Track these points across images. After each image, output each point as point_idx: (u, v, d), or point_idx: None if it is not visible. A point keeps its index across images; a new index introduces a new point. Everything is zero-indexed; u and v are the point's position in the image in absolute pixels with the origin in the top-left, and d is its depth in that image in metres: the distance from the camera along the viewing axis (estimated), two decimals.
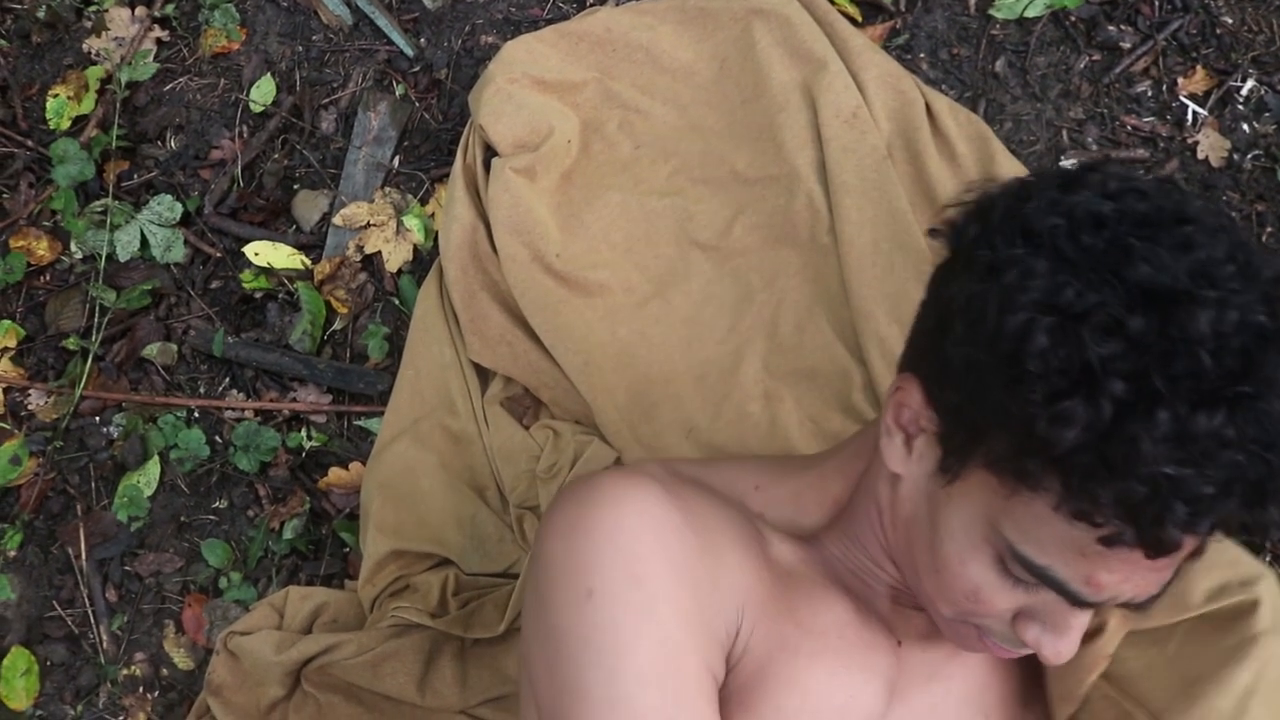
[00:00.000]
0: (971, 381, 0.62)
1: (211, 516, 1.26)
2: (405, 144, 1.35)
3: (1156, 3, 1.30)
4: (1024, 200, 0.63)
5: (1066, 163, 1.25)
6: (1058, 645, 0.65)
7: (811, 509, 0.80)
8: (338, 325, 1.30)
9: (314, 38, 1.39)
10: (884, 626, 0.76)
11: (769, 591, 0.72)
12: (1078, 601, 0.63)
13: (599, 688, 0.63)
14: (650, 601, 0.64)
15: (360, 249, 1.30)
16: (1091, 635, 0.81)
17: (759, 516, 0.79)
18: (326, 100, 1.37)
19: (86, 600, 1.24)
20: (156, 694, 1.22)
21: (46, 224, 1.37)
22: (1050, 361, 0.57)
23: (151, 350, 1.30)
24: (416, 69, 1.37)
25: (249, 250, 1.31)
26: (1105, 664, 0.81)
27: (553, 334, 1.18)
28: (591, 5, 1.37)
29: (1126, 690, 0.82)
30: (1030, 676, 0.81)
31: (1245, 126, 1.26)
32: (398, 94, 1.36)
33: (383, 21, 1.37)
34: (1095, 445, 0.55)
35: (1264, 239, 1.21)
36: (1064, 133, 1.27)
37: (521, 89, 1.24)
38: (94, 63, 1.41)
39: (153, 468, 1.26)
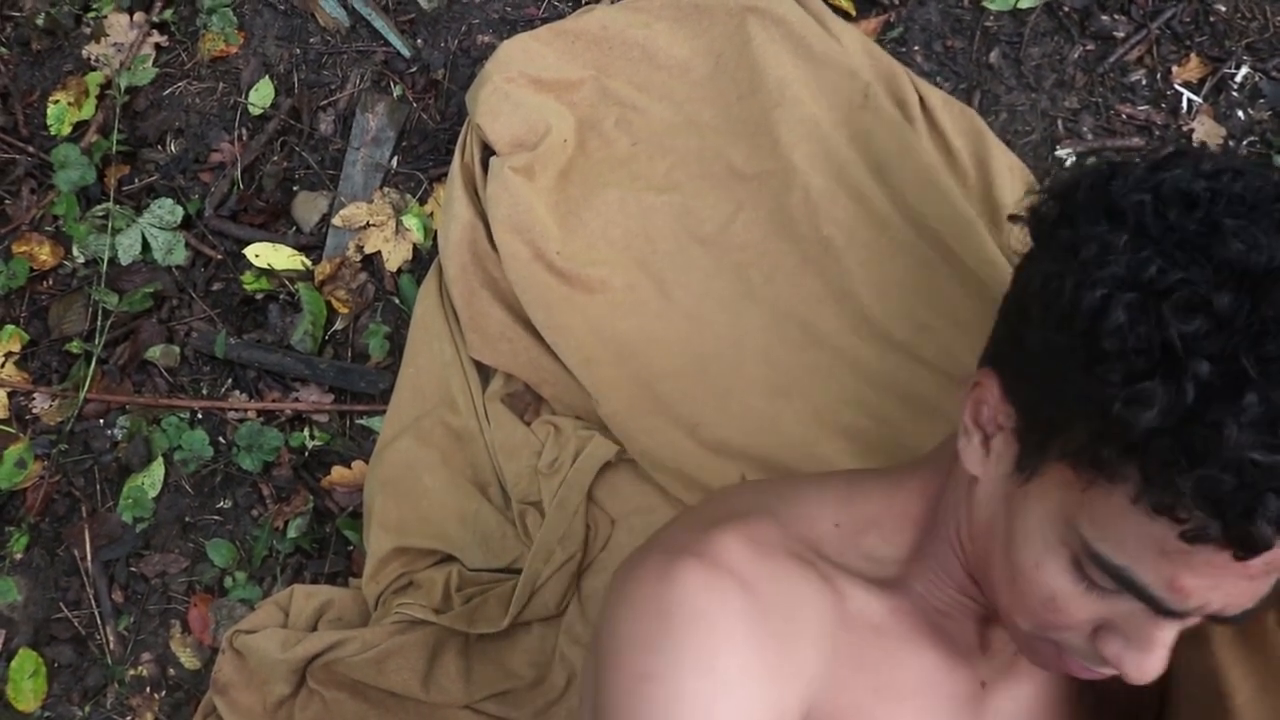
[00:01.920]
0: (1048, 367, 0.59)
1: (216, 516, 1.26)
2: (403, 144, 1.36)
3: None
4: (1109, 179, 0.60)
5: (1061, 153, 1.25)
6: (1141, 662, 0.59)
7: (893, 535, 0.76)
8: (339, 325, 1.30)
9: (311, 40, 1.40)
10: (970, 671, 0.72)
11: (845, 657, 0.69)
12: (1161, 609, 0.57)
13: None
14: (710, 695, 0.60)
15: (360, 249, 1.31)
16: None
17: (839, 567, 0.73)
18: (324, 102, 1.38)
19: (93, 601, 1.25)
20: (163, 694, 1.22)
21: (48, 229, 1.37)
22: (1128, 340, 0.53)
23: (154, 352, 1.31)
24: (413, 70, 1.38)
25: (249, 252, 1.32)
26: None
27: (554, 330, 1.18)
28: (587, 4, 1.37)
29: None
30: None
31: (1240, 113, 1.26)
32: (395, 95, 1.37)
33: (379, 23, 1.38)
34: (1176, 430, 0.51)
35: None
36: (1059, 123, 1.27)
37: (518, 88, 1.25)
38: (93, 68, 1.42)
39: (157, 469, 1.27)
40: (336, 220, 1.32)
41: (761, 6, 1.26)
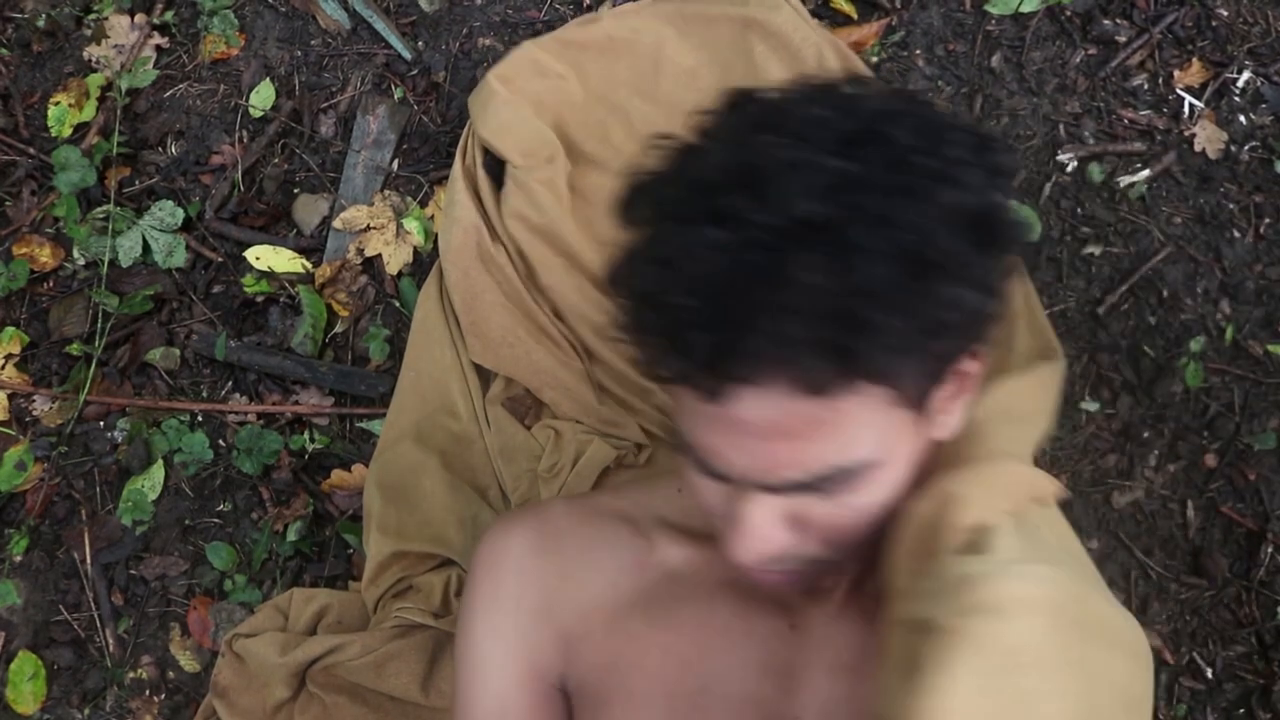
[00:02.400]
0: None
1: (215, 520, 1.26)
2: (404, 147, 1.36)
3: None
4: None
5: (1063, 157, 1.25)
6: (735, 540, 0.63)
7: None
8: (339, 328, 1.30)
9: (312, 42, 1.40)
10: (776, 612, 0.76)
11: (632, 593, 0.80)
12: (710, 472, 0.62)
13: (455, 686, 0.83)
14: (493, 625, 0.81)
15: (360, 252, 1.31)
16: None
17: (663, 523, 0.82)
18: (325, 104, 1.38)
19: (92, 604, 1.25)
20: (163, 697, 1.22)
21: (49, 231, 1.37)
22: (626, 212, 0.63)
23: (154, 355, 1.31)
24: (414, 72, 1.38)
25: (250, 254, 1.32)
26: None
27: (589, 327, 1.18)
28: (589, 6, 1.37)
29: None
30: None
31: (1242, 118, 1.26)
32: (396, 97, 1.37)
33: (380, 25, 1.38)
34: (630, 279, 0.59)
35: (1262, 230, 1.21)
36: (1061, 127, 1.27)
37: (524, 102, 1.24)
38: (94, 70, 1.42)
39: (157, 472, 1.27)
40: (337, 223, 1.32)
41: (760, 18, 1.26)
